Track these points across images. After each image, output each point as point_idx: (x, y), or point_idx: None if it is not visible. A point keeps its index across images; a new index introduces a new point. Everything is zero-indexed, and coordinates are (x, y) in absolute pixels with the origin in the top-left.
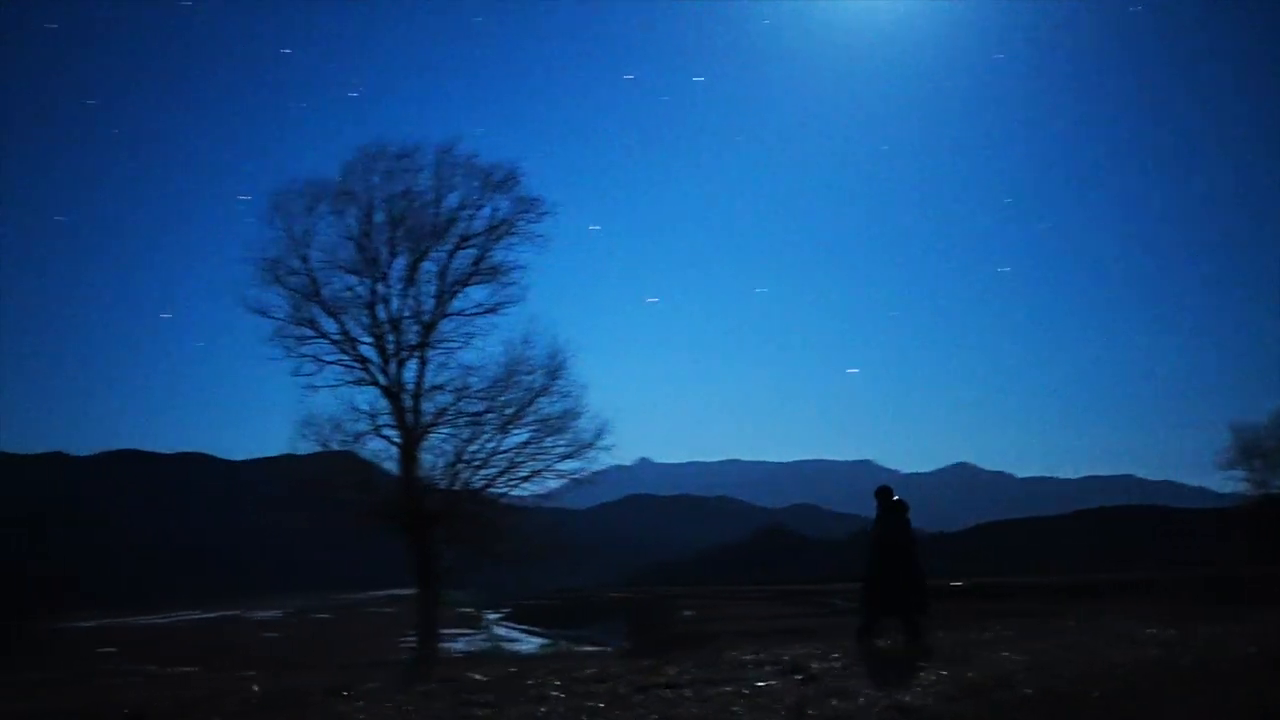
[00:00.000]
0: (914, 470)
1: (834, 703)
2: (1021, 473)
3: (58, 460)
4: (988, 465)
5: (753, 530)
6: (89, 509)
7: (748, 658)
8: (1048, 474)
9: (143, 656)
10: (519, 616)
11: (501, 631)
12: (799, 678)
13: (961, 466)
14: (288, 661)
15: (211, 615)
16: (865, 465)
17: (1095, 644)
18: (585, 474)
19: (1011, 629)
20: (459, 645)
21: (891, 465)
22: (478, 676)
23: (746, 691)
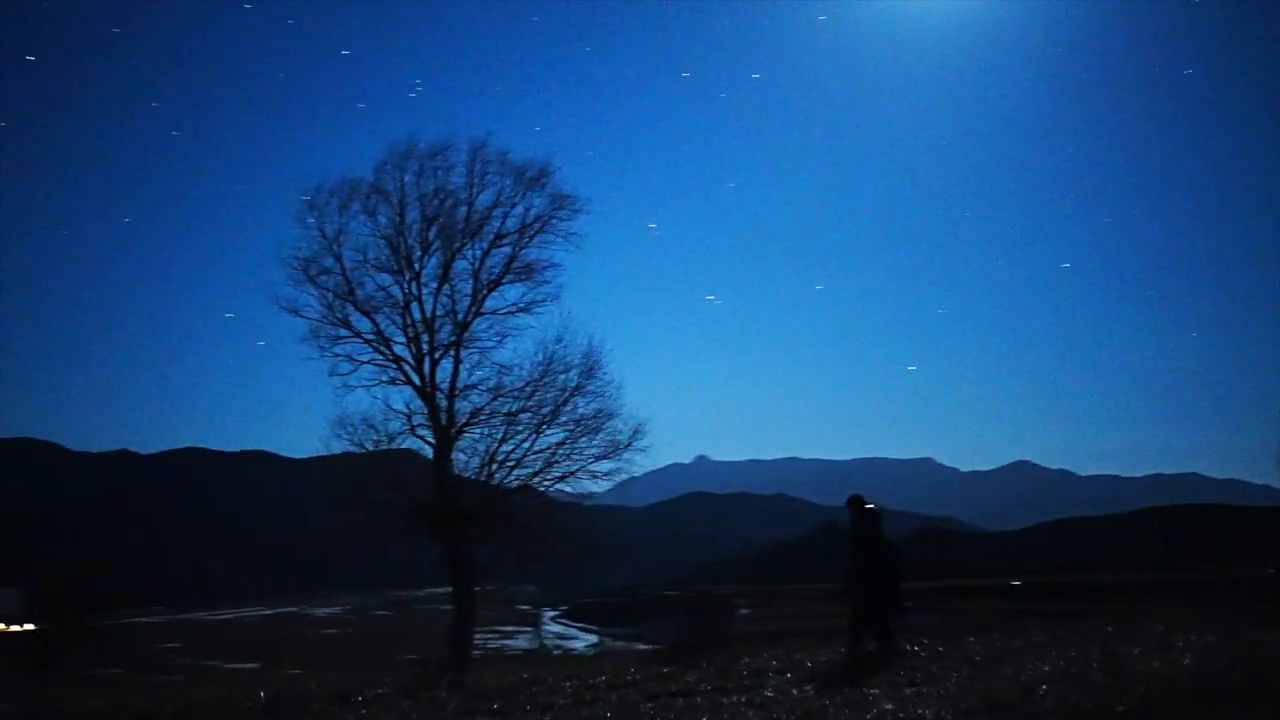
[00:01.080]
0: (974, 468)
1: (847, 714)
2: (1083, 471)
3: (124, 458)
4: (1049, 463)
5: (811, 527)
6: (155, 506)
7: (771, 663)
8: (1110, 472)
9: (204, 652)
10: (575, 614)
11: (556, 630)
12: (816, 685)
13: (1022, 464)
14: (333, 660)
15: (273, 611)
16: (925, 463)
17: (1129, 651)
18: (621, 475)
19: (1048, 634)
20: (516, 643)
21: (951, 463)
22: (488, 682)
23: (758, 701)
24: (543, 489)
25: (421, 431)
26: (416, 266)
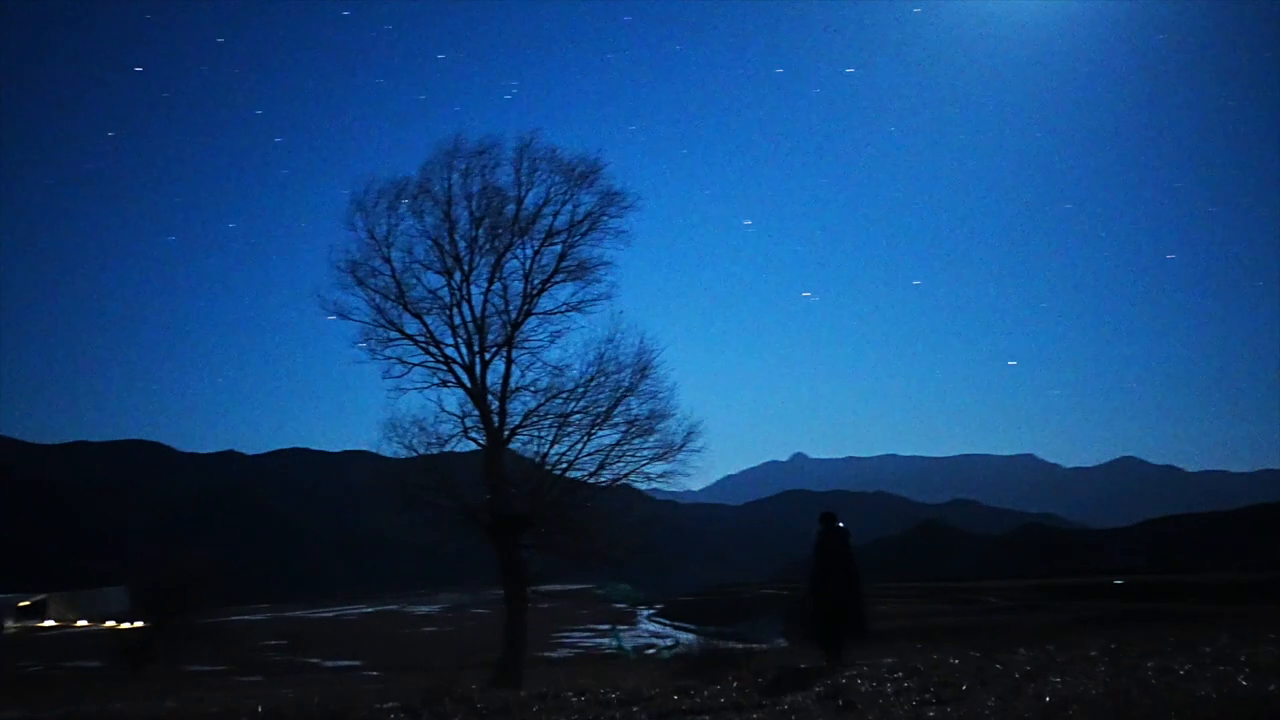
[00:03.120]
0: (1077, 464)
1: None
2: (1191, 466)
3: (232, 458)
4: (1155, 459)
5: (910, 525)
6: (261, 504)
7: (805, 675)
8: (1219, 468)
9: (302, 650)
10: (671, 613)
11: (652, 628)
12: (838, 701)
13: (1128, 460)
14: (422, 659)
15: (374, 609)
16: (1026, 459)
17: (1181, 667)
18: (675, 477)
19: (1103, 644)
20: (607, 642)
21: (1053, 459)
22: (497, 695)
23: None
24: (594, 491)
25: (474, 434)
26: (466, 266)
